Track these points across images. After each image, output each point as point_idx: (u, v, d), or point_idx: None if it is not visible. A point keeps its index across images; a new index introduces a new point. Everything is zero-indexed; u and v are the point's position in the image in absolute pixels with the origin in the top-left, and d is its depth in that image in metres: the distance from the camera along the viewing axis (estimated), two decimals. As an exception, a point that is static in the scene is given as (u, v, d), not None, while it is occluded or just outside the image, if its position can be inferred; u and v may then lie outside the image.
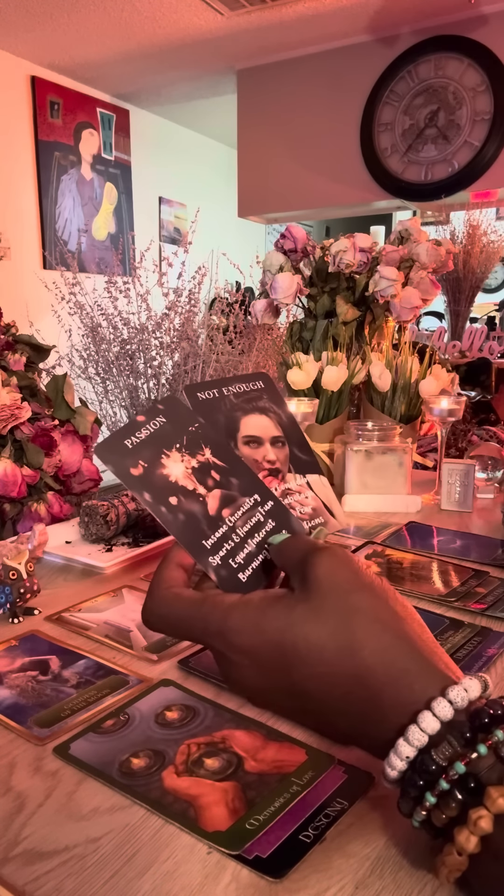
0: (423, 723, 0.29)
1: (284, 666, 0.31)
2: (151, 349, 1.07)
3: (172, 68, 3.03)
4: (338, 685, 0.31)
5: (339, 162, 2.87)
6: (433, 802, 0.28)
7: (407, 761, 0.29)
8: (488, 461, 0.98)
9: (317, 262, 1.14)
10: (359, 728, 0.31)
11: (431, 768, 0.28)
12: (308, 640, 0.31)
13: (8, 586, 0.56)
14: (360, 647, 0.30)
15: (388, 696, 0.30)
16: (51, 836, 0.34)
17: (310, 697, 0.32)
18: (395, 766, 0.29)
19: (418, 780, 0.29)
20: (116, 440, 0.36)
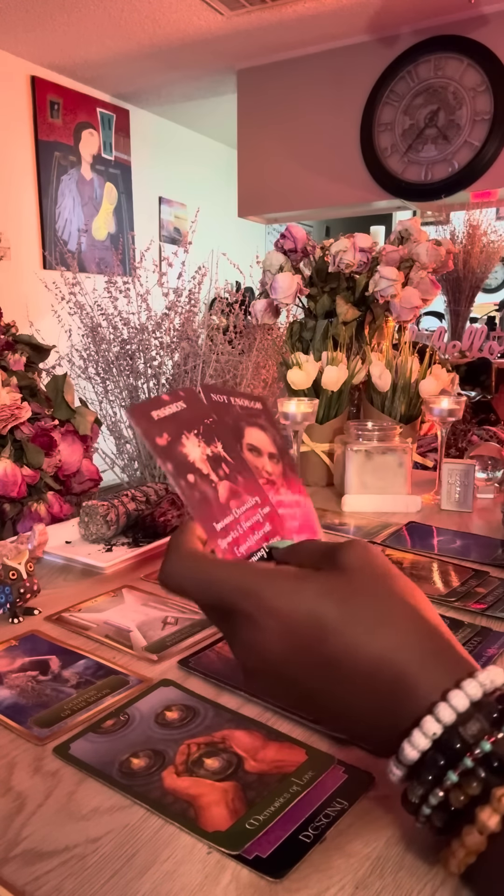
0: (454, 699, 0.29)
1: (317, 636, 0.31)
2: (151, 349, 1.07)
3: (172, 68, 3.03)
4: (369, 660, 0.31)
5: (339, 162, 2.87)
6: (454, 781, 0.28)
7: (433, 738, 0.29)
8: (488, 461, 0.98)
9: (317, 262, 1.14)
10: (378, 712, 0.31)
11: (456, 746, 0.28)
12: (346, 613, 0.31)
13: (8, 586, 0.56)
14: (395, 626, 0.31)
15: (418, 676, 0.30)
16: (51, 837, 0.34)
17: (336, 671, 0.31)
18: (419, 745, 0.29)
19: (440, 759, 0.29)
20: (146, 408, 0.36)
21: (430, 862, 0.33)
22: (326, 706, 0.32)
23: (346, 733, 0.34)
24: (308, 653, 0.31)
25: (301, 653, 0.31)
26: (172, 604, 0.61)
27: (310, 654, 0.31)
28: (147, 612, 0.59)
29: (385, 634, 0.31)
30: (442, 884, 0.31)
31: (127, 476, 1.13)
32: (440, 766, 0.29)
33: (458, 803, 0.28)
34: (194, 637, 0.54)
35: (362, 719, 0.32)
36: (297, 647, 0.31)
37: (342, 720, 0.33)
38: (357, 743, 0.36)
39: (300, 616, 0.31)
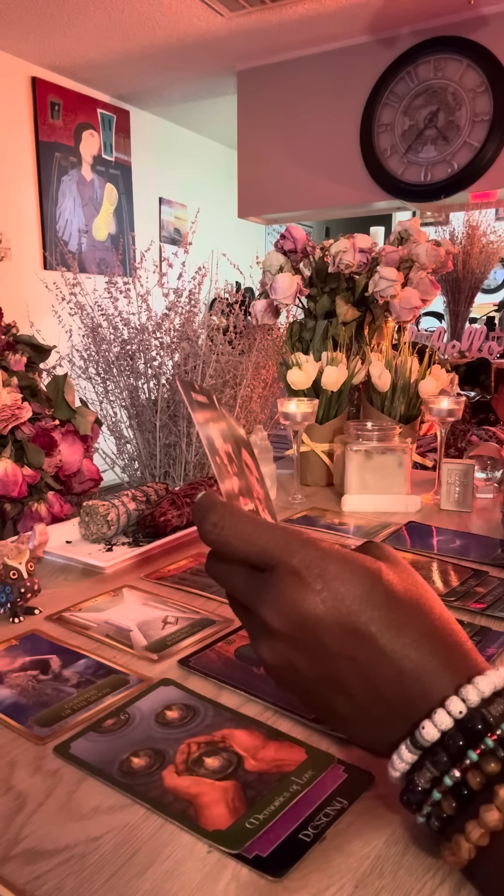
0: (481, 683, 0.30)
1: (358, 605, 0.32)
2: (152, 349, 1.07)
3: (173, 69, 3.04)
4: (402, 640, 0.31)
5: (339, 163, 2.87)
6: (474, 761, 0.28)
7: (457, 716, 0.29)
8: (487, 461, 0.98)
9: (316, 262, 1.14)
10: (399, 692, 0.31)
11: (479, 726, 0.29)
12: (390, 590, 0.32)
13: (8, 586, 0.57)
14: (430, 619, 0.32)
15: (442, 667, 0.31)
16: (51, 836, 0.34)
17: (368, 644, 0.31)
18: (442, 724, 0.30)
19: (460, 739, 0.29)
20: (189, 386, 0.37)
21: (429, 861, 0.33)
22: (343, 683, 0.32)
23: (350, 722, 0.34)
24: (346, 621, 0.31)
25: (339, 619, 0.31)
26: (173, 603, 0.61)
27: (347, 623, 0.31)
28: (147, 611, 0.59)
29: (420, 625, 0.32)
30: (441, 883, 0.31)
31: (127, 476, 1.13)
32: (460, 745, 0.29)
33: (475, 783, 0.28)
34: (194, 636, 0.55)
35: (379, 701, 0.32)
36: (337, 612, 0.31)
37: (353, 702, 0.33)
38: (358, 739, 0.36)
39: (348, 581, 0.32)
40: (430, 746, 0.30)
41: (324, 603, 0.32)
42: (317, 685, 0.33)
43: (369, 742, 0.34)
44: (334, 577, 0.32)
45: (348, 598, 0.32)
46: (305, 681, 0.34)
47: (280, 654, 0.33)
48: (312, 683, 0.34)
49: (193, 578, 0.67)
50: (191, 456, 1.05)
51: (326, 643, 0.32)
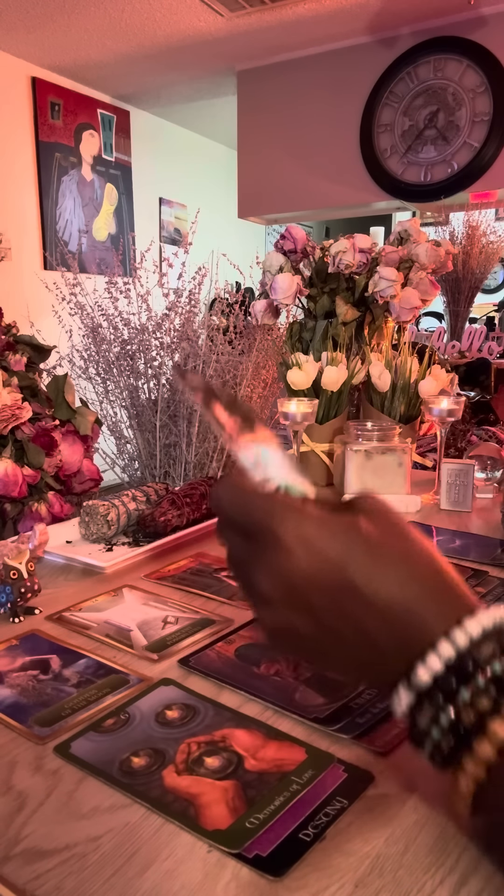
0: (469, 626, 0.31)
1: (342, 563, 0.33)
2: (152, 349, 1.07)
3: (173, 69, 3.04)
4: (389, 590, 0.33)
5: (339, 163, 2.87)
6: (466, 700, 0.29)
7: (447, 660, 0.30)
8: (487, 461, 0.98)
9: (316, 262, 1.14)
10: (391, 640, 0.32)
11: (469, 666, 0.30)
12: (371, 547, 0.34)
13: (9, 586, 0.57)
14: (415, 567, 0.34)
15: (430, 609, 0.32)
16: (51, 835, 0.34)
17: (355, 599, 0.33)
18: (433, 667, 0.31)
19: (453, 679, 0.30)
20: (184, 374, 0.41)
21: (429, 861, 0.33)
22: (340, 637, 0.33)
23: (352, 671, 0.35)
24: (330, 577, 0.33)
25: (324, 577, 0.33)
26: (173, 603, 0.61)
27: (332, 579, 0.33)
28: (147, 611, 0.59)
29: (405, 571, 0.33)
30: (441, 882, 0.31)
31: (127, 476, 1.13)
32: (453, 685, 0.30)
33: (469, 720, 0.29)
34: (194, 636, 0.55)
35: (374, 649, 0.33)
36: (321, 571, 0.33)
37: (352, 652, 0.34)
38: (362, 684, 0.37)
39: (328, 543, 0.33)
40: (428, 689, 0.31)
41: (308, 564, 0.33)
42: (316, 642, 0.34)
43: (372, 684, 0.35)
44: (314, 537, 0.33)
45: (330, 555, 0.33)
46: (305, 641, 0.35)
47: (278, 619, 0.35)
48: (311, 641, 0.35)
49: (193, 578, 0.67)
50: (191, 456, 1.05)
51: (318, 601, 0.33)
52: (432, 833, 0.34)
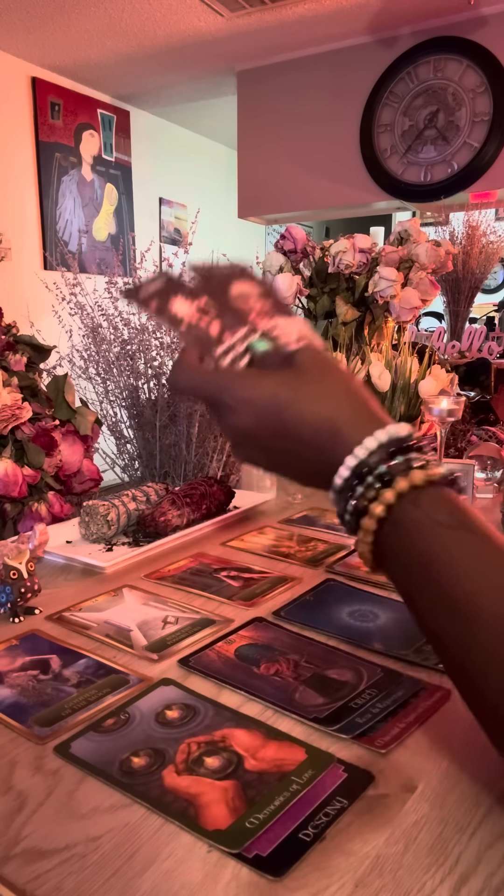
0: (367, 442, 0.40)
1: (276, 409, 0.42)
2: (152, 349, 1.07)
3: (173, 70, 3.04)
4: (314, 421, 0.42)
5: (339, 163, 2.87)
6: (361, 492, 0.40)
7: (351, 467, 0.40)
8: (487, 461, 0.98)
9: (316, 262, 1.14)
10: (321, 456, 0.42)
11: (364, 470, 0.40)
12: (296, 392, 0.43)
13: (9, 586, 0.57)
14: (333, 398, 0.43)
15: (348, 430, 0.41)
16: (51, 835, 0.34)
17: (292, 433, 0.42)
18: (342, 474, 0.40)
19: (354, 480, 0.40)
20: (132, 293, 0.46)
21: (429, 861, 0.33)
22: (287, 460, 0.44)
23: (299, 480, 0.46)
24: (270, 422, 0.43)
25: (266, 423, 0.43)
26: (173, 603, 0.61)
27: (272, 423, 0.43)
28: (147, 611, 0.59)
29: (326, 404, 0.42)
30: (441, 882, 0.31)
31: (127, 476, 1.13)
32: (354, 484, 0.40)
33: (361, 505, 0.40)
34: (194, 636, 0.55)
35: (310, 467, 0.43)
36: (263, 419, 0.43)
37: (298, 469, 0.45)
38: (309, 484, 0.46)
39: (262, 398, 0.43)
40: (340, 489, 0.41)
41: (251, 417, 0.43)
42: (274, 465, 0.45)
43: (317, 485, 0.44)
44: (253, 398, 0.43)
45: (267, 407, 0.43)
46: (264, 462, 0.45)
47: (244, 452, 0.46)
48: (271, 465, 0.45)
49: (193, 578, 0.67)
50: (191, 456, 1.05)
51: (265, 442, 0.44)
52: (432, 833, 0.34)
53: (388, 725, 0.42)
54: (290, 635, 0.54)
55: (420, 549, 0.38)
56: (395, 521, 0.39)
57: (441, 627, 0.37)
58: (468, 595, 0.36)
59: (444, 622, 0.37)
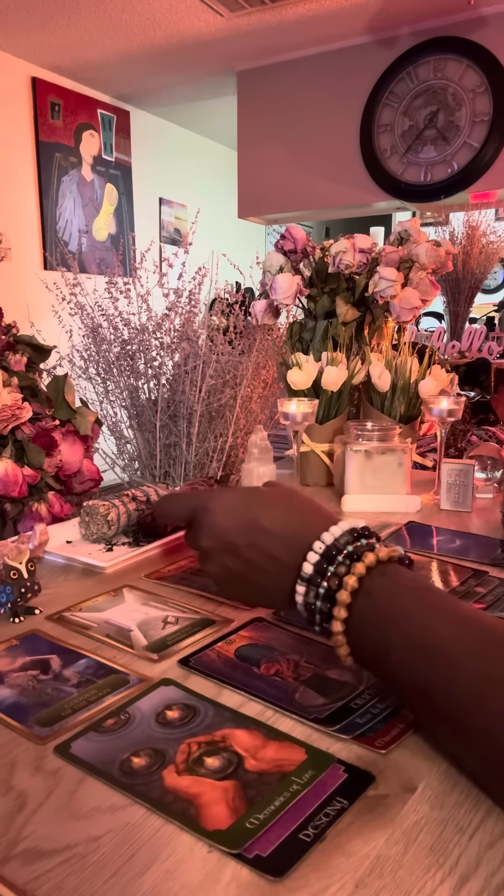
0: (332, 529, 0.46)
1: (249, 508, 0.50)
2: (152, 350, 1.07)
3: (173, 70, 3.04)
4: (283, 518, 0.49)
5: (339, 163, 2.87)
6: (332, 571, 0.44)
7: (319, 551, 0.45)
8: (487, 461, 0.98)
9: (316, 262, 1.14)
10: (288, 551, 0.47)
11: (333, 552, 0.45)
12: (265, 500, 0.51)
13: (9, 586, 0.57)
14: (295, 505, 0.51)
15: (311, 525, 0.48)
16: (51, 835, 0.34)
17: (260, 530, 0.49)
18: (312, 559, 0.45)
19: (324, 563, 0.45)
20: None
21: (429, 861, 0.33)
22: (255, 564, 0.49)
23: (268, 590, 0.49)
24: (243, 523, 0.50)
25: (239, 524, 0.50)
26: (173, 603, 0.61)
27: (244, 523, 0.49)
28: (147, 611, 0.59)
29: (292, 508, 0.50)
30: (441, 883, 0.31)
31: (127, 476, 1.13)
32: (324, 566, 0.44)
33: (333, 584, 0.43)
34: (195, 636, 0.55)
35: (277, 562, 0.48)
36: (236, 520, 0.50)
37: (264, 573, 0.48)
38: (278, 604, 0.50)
39: (237, 499, 0.51)
40: (310, 576, 0.45)
41: (227, 519, 0.50)
42: (242, 574, 0.50)
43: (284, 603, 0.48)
44: (230, 502, 0.51)
45: (241, 509, 0.50)
46: (236, 575, 0.50)
47: (217, 564, 0.51)
48: (240, 574, 0.50)
49: (193, 578, 0.67)
50: (191, 456, 1.05)
51: (236, 541, 0.49)
52: (432, 833, 0.34)
53: (389, 726, 0.42)
54: (290, 635, 0.54)
55: (394, 609, 0.42)
56: (367, 591, 0.43)
57: (421, 677, 0.39)
58: (445, 641, 0.39)
59: (422, 671, 0.39)
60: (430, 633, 0.40)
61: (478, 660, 0.37)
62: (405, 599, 0.42)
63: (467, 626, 0.40)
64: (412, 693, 0.40)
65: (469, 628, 0.39)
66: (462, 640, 0.39)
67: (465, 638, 0.39)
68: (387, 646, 0.41)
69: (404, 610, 0.41)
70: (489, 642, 0.38)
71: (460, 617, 0.40)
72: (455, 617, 0.40)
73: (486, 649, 0.38)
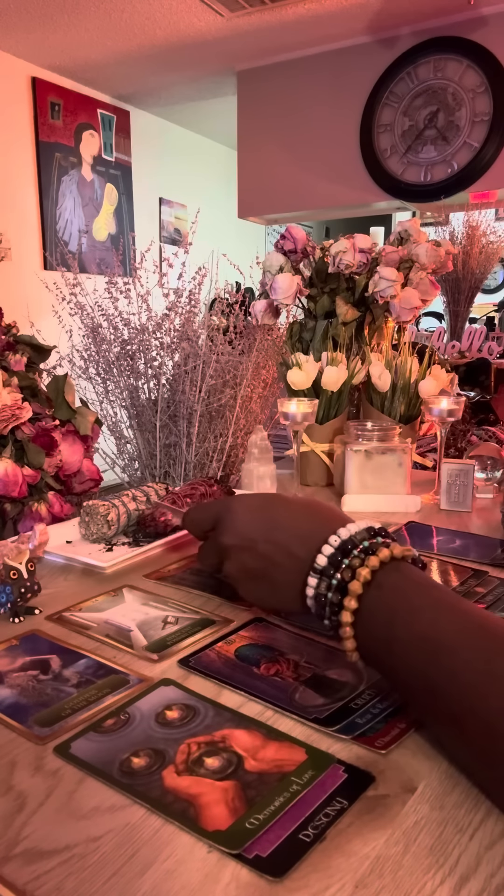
0: (349, 526, 0.47)
1: (269, 508, 0.52)
2: (152, 350, 1.07)
3: (173, 69, 3.04)
4: (301, 510, 0.51)
5: (339, 163, 2.87)
6: (347, 564, 0.45)
7: (335, 544, 0.46)
8: (487, 461, 0.98)
9: (316, 262, 1.14)
10: (304, 543, 0.48)
11: (349, 546, 0.46)
12: (284, 497, 0.54)
13: (9, 586, 0.57)
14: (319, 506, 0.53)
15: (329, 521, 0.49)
16: (51, 836, 0.34)
17: (276, 525, 0.50)
18: (327, 552, 0.46)
19: (339, 556, 0.46)
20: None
21: (429, 861, 0.33)
22: (273, 561, 0.50)
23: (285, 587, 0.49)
24: (263, 521, 0.52)
25: (259, 522, 0.52)
26: (173, 603, 0.61)
27: (264, 521, 0.51)
28: (147, 611, 0.59)
29: (309, 511, 0.51)
30: (441, 883, 0.31)
31: (127, 476, 1.13)
32: (339, 558, 0.45)
33: (347, 576, 0.44)
34: (195, 636, 0.55)
35: (294, 559, 0.48)
36: (257, 519, 0.52)
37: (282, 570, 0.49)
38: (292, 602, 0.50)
39: (255, 499, 0.54)
40: (324, 568, 0.46)
41: (248, 517, 0.53)
42: (259, 571, 0.51)
43: (297, 601, 0.49)
44: (251, 503, 0.54)
45: (261, 507, 0.53)
46: (252, 572, 0.51)
47: (235, 562, 0.53)
48: (257, 571, 0.51)
49: (193, 578, 0.67)
50: (191, 456, 1.05)
51: (255, 536, 0.51)
52: (432, 834, 0.34)
53: (389, 726, 0.42)
54: (290, 635, 0.54)
55: (403, 604, 0.43)
56: (379, 584, 0.44)
57: (423, 671, 0.40)
58: (449, 635, 0.39)
59: (425, 666, 0.40)
60: (434, 627, 0.40)
61: (481, 656, 0.37)
62: (413, 594, 0.43)
63: (472, 623, 0.40)
64: (414, 688, 0.41)
65: (474, 625, 0.40)
66: (466, 635, 0.39)
67: (469, 634, 0.39)
68: (391, 638, 0.41)
69: (411, 604, 0.42)
70: (493, 640, 0.38)
71: (466, 614, 0.41)
72: (461, 614, 0.41)
73: (490, 647, 0.38)
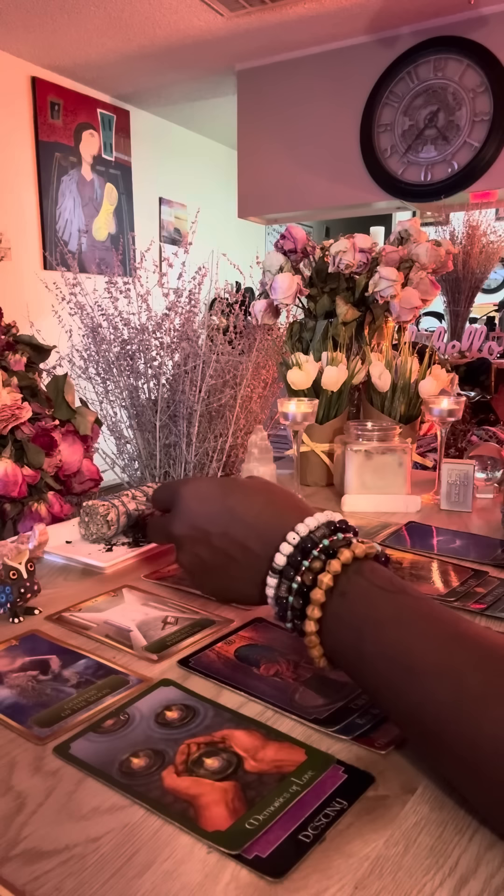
0: (308, 521, 0.45)
1: (224, 496, 0.50)
2: (152, 349, 1.07)
3: (172, 69, 3.04)
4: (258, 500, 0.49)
5: (339, 162, 2.87)
6: (307, 566, 0.43)
7: (294, 542, 0.44)
8: (488, 461, 0.98)
9: (317, 262, 1.14)
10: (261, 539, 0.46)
11: (308, 545, 0.44)
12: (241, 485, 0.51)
13: (8, 586, 0.56)
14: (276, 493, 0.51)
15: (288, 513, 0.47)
16: (51, 836, 0.34)
17: (234, 515, 0.48)
18: (285, 550, 0.44)
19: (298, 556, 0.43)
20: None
21: (428, 862, 0.33)
22: (228, 554, 0.48)
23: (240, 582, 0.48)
24: (217, 510, 0.49)
25: (212, 511, 0.49)
26: (173, 604, 0.61)
27: (218, 510, 0.49)
28: (147, 611, 0.59)
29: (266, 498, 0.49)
30: (441, 884, 0.31)
31: (127, 476, 1.13)
32: (298, 560, 0.43)
33: (308, 580, 0.42)
34: (194, 637, 0.54)
35: (250, 553, 0.47)
36: (210, 508, 0.50)
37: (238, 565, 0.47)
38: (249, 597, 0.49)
39: (211, 485, 0.51)
40: (283, 569, 0.44)
41: (201, 507, 0.50)
42: (214, 565, 0.49)
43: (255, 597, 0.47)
44: (205, 490, 0.51)
45: (213, 494, 0.50)
46: (208, 566, 0.50)
47: (188, 553, 0.51)
48: (212, 565, 0.50)
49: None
50: (191, 456, 1.05)
51: (209, 528, 0.49)
52: (432, 834, 0.34)
53: (389, 726, 0.42)
54: (290, 636, 0.54)
55: (370, 614, 0.41)
56: (343, 591, 0.42)
57: (392, 691, 0.38)
58: (415, 658, 0.38)
59: (393, 686, 0.38)
60: (400, 646, 0.38)
61: (447, 682, 0.36)
62: (381, 602, 0.41)
63: (443, 634, 0.38)
64: (385, 704, 0.40)
65: (445, 636, 0.38)
66: (433, 656, 0.37)
67: (439, 649, 0.37)
68: (361, 652, 0.40)
69: (378, 615, 0.40)
70: (464, 653, 0.37)
71: (436, 623, 0.39)
72: (430, 623, 0.39)
73: (456, 668, 0.36)
